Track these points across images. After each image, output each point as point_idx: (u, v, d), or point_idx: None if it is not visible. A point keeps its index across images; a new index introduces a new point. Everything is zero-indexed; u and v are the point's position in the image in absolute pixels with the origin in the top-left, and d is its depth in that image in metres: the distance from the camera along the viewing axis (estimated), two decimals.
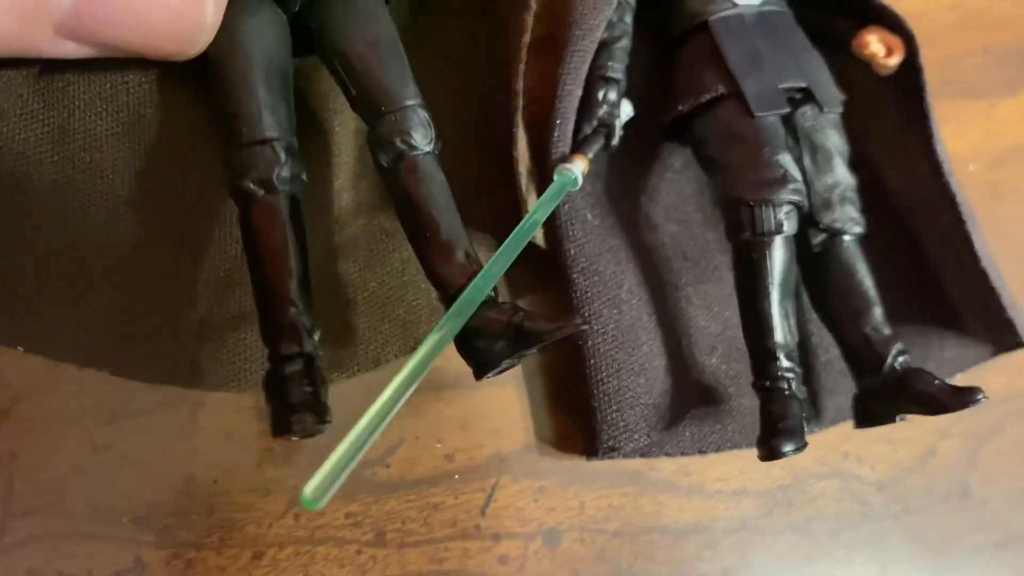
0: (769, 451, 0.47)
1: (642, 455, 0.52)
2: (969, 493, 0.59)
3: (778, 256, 0.50)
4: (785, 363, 0.50)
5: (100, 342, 0.46)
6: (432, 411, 0.51)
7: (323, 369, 0.44)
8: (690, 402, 0.55)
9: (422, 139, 0.45)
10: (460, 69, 0.56)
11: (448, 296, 0.44)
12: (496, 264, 0.44)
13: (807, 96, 0.54)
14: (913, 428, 0.59)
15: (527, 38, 0.51)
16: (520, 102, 0.51)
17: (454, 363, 0.44)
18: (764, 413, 0.49)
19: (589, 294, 0.52)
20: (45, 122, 0.47)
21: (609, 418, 0.51)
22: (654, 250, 0.58)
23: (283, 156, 0.44)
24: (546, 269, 0.53)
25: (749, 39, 0.53)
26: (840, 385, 0.56)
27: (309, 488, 0.35)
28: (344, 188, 0.52)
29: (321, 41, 0.48)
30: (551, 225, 0.53)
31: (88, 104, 0.48)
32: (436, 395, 0.51)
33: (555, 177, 0.50)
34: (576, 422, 0.53)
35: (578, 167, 0.50)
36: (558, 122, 0.52)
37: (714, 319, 0.57)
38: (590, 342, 0.51)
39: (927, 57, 0.67)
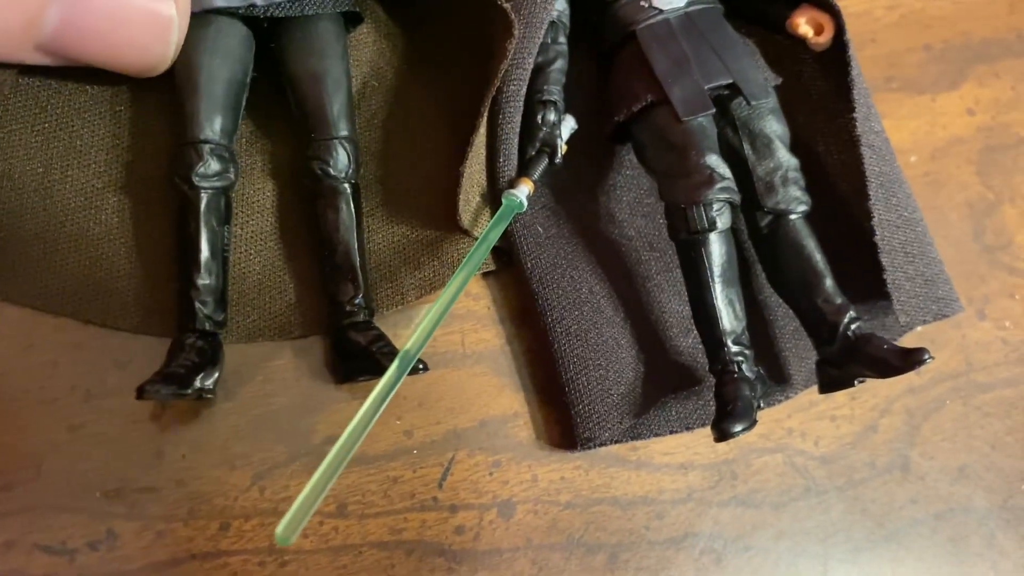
0: (720, 432, 0.50)
1: (629, 439, 0.55)
2: (909, 467, 0.62)
3: (715, 250, 0.53)
4: (733, 348, 0.53)
5: (77, 295, 0.51)
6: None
7: (215, 349, 0.49)
8: (671, 384, 0.58)
9: (341, 170, 0.52)
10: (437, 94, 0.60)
11: (343, 312, 0.51)
12: (450, 291, 0.48)
13: (737, 90, 0.57)
14: (855, 405, 0.62)
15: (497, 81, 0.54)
16: (483, 127, 0.54)
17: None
18: (717, 396, 0.52)
19: (550, 301, 0.55)
20: (29, 119, 0.51)
21: (583, 412, 0.54)
22: (620, 245, 0.61)
23: (207, 157, 0.50)
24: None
25: (675, 44, 0.56)
26: (808, 351, 0.58)
27: (280, 527, 0.39)
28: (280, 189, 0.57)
29: (278, 61, 0.54)
30: (508, 243, 0.56)
31: (69, 100, 0.53)
32: None
33: (503, 202, 0.53)
34: (529, 401, 0.55)
35: (523, 191, 0.53)
36: (502, 147, 0.55)
37: (685, 303, 0.60)
38: (556, 344, 0.54)
39: (870, 54, 0.71)
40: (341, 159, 0.52)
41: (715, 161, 0.54)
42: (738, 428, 0.49)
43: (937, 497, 0.61)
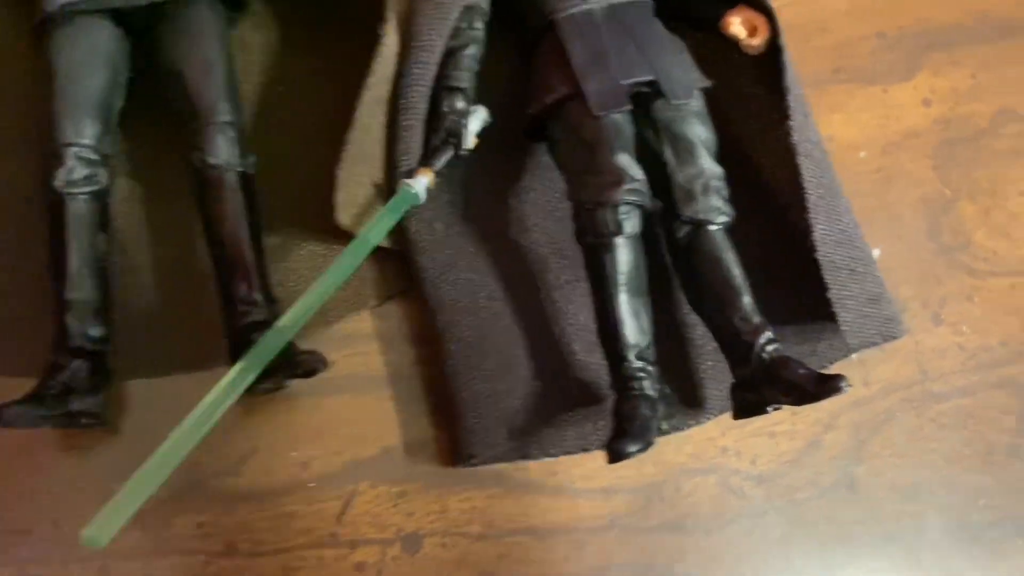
0: (612, 453, 0.47)
1: (518, 458, 0.52)
2: (856, 485, 0.58)
3: (622, 256, 0.50)
4: (635, 363, 0.50)
5: None
6: (287, 419, 0.51)
7: (97, 371, 0.46)
8: (570, 401, 0.54)
9: (222, 157, 0.49)
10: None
11: (237, 312, 0.47)
12: (326, 281, 0.45)
13: (659, 88, 0.53)
14: (796, 420, 0.58)
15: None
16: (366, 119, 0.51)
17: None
18: (614, 414, 0.49)
19: (443, 303, 0.52)
20: None
21: (468, 426, 0.51)
22: (528, 250, 0.58)
23: (70, 162, 0.47)
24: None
25: (596, 36, 0.53)
26: (728, 372, 0.55)
27: (91, 527, 0.36)
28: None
29: (153, 56, 0.51)
30: (402, 237, 0.53)
31: None
32: (291, 403, 0.51)
33: (398, 191, 0.50)
34: (439, 425, 0.53)
35: (421, 183, 0.50)
36: (403, 134, 0.52)
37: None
38: (444, 351, 0.51)
39: (819, 44, 0.67)
40: (221, 146, 0.49)
41: (626, 161, 0.51)
42: (632, 449, 0.46)
43: (887, 517, 0.58)
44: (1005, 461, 0.59)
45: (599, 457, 0.53)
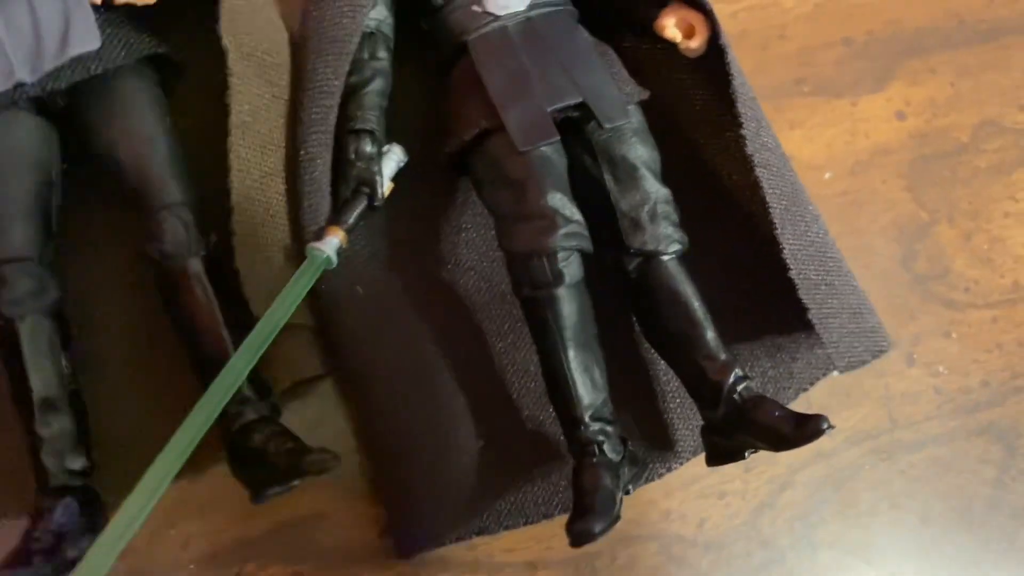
0: (576, 536, 0.41)
1: (472, 536, 0.47)
2: (816, 551, 0.52)
3: (565, 308, 0.45)
4: (592, 426, 0.44)
5: None
6: (166, 494, 0.45)
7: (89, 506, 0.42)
8: (527, 464, 0.49)
9: (179, 244, 0.44)
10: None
11: (227, 416, 0.43)
12: (240, 360, 0.40)
13: (590, 110, 0.47)
14: (749, 478, 0.53)
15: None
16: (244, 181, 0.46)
17: None
18: (575, 486, 0.44)
19: (369, 377, 0.47)
20: None
21: (409, 512, 0.46)
22: (465, 299, 0.52)
23: (11, 278, 0.42)
24: None
25: (513, 57, 0.47)
26: (696, 412, 0.49)
27: None
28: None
29: (85, 144, 0.46)
30: (316, 306, 0.47)
31: None
32: None
33: (307, 257, 0.44)
34: (335, 498, 0.47)
35: (331, 244, 0.45)
36: (307, 190, 0.46)
37: None
38: (368, 429, 0.46)
39: (778, 52, 0.61)
40: (176, 231, 0.44)
41: (559, 201, 0.45)
42: (597, 528, 0.41)
43: None
44: (986, 518, 0.53)
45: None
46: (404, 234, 0.52)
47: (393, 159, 0.49)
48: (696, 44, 0.50)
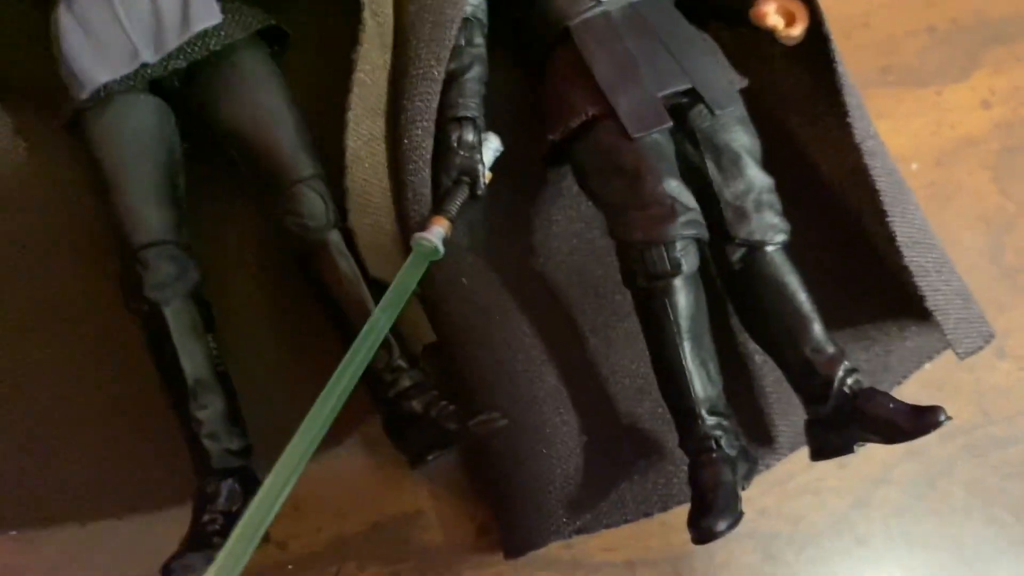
0: (700, 533, 0.40)
1: (571, 535, 0.46)
2: (913, 547, 0.51)
3: (681, 300, 0.44)
4: (709, 420, 0.44)
5: None
6: None
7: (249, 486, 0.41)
8: (625, 461, 0.48)
9: (319, 217, 0.43)
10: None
11: (382, 384, 0.43)
12: (347, 371, 0.39)
13: (697, 97, 0.46)
14: (844, 475, 0.52)
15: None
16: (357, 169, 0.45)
17: None
18: (692, 483, 0.43)
19: (484, 379, 0.45)
20: None
21: (519, 513, 0.45)
22: (559, 292, 0.51)
23: (154, 263, 0.42)
24: None
25: (619, 42, 0.46)
26: (795, 405, 0.49)
27: None
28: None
29: (206, 122, 0.45)
30: (425, 302, 0.46)
31: None
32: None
33: (413, 248, 0.43)
34: (434, 495, 0.46)
35: (437, 233, 0.44)
36: (411, 180, 0.45)
37: (640, 358, 0.50)
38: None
39: (861, 42, 0.60)
40: (315, 204, 0.43)
41: (676, 188, 0.44)
42: (722, 526, 0.40)
43: None
44: None
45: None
46: (499, 225, 0.51)
47: (491, 148, 0.48)
48: (797, 32, 0.48)
